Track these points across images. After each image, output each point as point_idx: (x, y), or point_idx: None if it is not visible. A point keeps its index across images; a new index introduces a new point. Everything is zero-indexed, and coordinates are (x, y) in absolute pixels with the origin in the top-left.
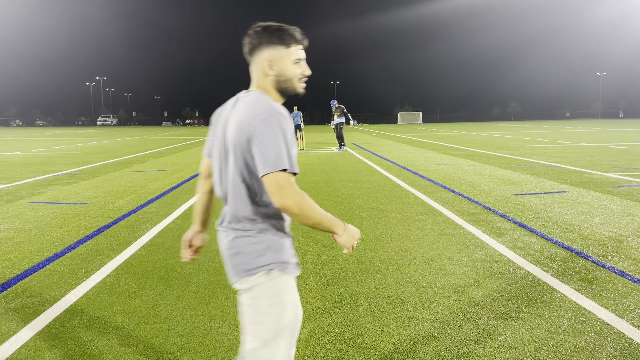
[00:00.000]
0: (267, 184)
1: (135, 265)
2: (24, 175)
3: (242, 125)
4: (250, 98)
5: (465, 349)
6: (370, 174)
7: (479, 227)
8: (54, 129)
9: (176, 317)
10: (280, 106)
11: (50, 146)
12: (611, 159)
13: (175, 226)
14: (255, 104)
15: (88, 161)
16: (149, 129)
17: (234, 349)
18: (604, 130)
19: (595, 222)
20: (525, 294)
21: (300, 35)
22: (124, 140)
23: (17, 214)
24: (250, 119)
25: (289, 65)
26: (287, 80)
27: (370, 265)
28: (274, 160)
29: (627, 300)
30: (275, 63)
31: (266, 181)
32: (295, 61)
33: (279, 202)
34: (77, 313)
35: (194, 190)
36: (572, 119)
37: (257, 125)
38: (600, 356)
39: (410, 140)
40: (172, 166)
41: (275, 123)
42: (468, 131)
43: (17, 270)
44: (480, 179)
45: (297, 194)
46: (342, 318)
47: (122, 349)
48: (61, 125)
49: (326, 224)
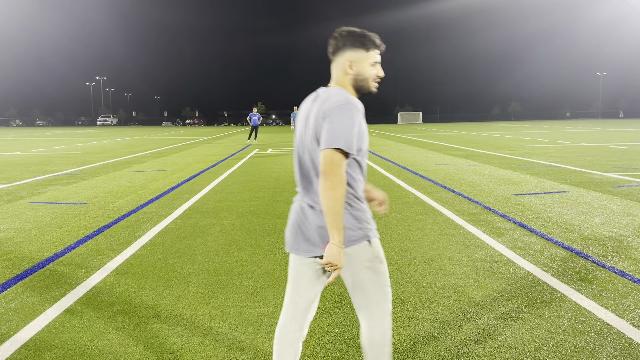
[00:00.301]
0: (321, 157)
1: (135, 265)
2: (24, 175)
3: (320, 113)
4: (330, 93)
5: (465, 349)
6: (370, 174)
7: (479, 227)
8: (54, 129)
9: (176, 317)
10: (356, 100)
11: (50, 146)
12: (611, 159)
13: (175, 226)
14: (334, 97)
15: (88, 161)
16: (149, 129)
17: (234, 349)
18: (604, 130)
19: (595, 222)
20: (525, 294)
21: (379, 41)
22: (124, 140)
23: (17, 214)
24: (328, 106)
25: (367, 66)
26: (364, 80)
27: None
28: (334, 139)
29: (627, 300)
30: (355, 64)
31: (322, 154)
32: (373, 64)
33: (322, 174)
34: (77, 313)
35: (194, 190)
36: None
37: (332, 110)
38: (600, 356)
39: (410, 140)
40: (172, 166)
41: (348, 111)
42: (468, 131)
43: (16, 271)
44: (480, 179)
45: (339, 176)
46: (342, 318)
47: (122, 349)
48: (61, 125)
49: (334, 222)
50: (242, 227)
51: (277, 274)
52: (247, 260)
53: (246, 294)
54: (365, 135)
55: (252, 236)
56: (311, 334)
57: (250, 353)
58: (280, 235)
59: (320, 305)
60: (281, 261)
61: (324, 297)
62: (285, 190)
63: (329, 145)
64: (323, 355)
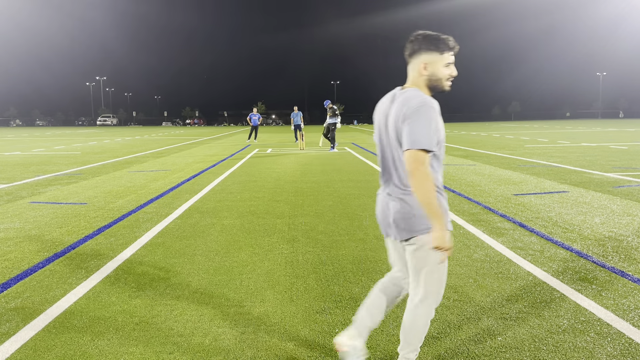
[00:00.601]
0: (405, 157)
1: (135, 265)
2: (24, 175)
3: (400, 114)
4: (406, 94)
5: (465, 349)
6: (370, 174)
7: (479, 227)
8: (54, 129)
9: (176, 317)
10: (432, 99)
11: (50, 146)
12: (611, 159)
13: (175, 226)
14: (412, 98)
15: (88, 161)
16: (149, 129)
17: (234, 349)
18: (604, 130)
19: (595, 222)
20: (525, 294)
21: (453, 43)
22: (124, 140)
23: (17, 214)
24: (407, 107)
25: (441, 68)
26: (438, 80)
27: (370, 265)
28: (416, 140)
29: (627, 300)
30: (430, 65)
31: (406, 155)
32: (446, 65)
33: (409, 174)
34: (77, 313)
35: (194, 190)
36: (572, 119)
37: (411, 112)
38: (600, 356)
39: None
40: (172, 166)
41: (425, 112)
42: (468, 131)
43: (17, 270)
44: (480, 179)
45: (424, 173)
46: (342, 318)
47: (122, 349)
48: (61, 125)
49: (431, 212)
50: (242, 227)
51: (277, 274)
52: (247, 260)
53: (246, 294)
54: (441, 128)
55: (252, 236)
56: (311, 334)
57: (250, 353)
58: (280, 235)
59: (320, 305)
60: (281, 261)
61: (324, 297)
62: (285, 190)
63: (411, 146)
64: (323, 355)
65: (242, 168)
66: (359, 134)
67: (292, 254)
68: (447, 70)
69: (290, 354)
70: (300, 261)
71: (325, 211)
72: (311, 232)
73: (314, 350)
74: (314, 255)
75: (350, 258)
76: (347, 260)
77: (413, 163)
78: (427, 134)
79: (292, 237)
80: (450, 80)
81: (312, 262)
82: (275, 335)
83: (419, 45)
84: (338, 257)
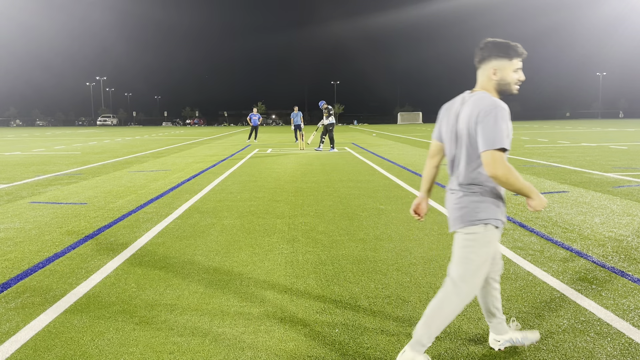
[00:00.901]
0: (483, 158)
1: (135, 265)
2: (24, 175)
3: (472, 115)
4: (477, 97)
5: (465, 349)
6: (370, 174)
7: None
8: (54, 129)
9: (176, 317)
10: (501, 102)
11: (51, 146)
12: (611, 159)
13: (175, 226)
14: (482, 101)
15: (88, 161)
16: (149, 129)
17: (234, 349)
18: (604, 130)
19: (595, 222)
20: (525, 294)
21: (521, 50)
22: (124, 140)
23: (17, 214)
24: (478, 110)
25: (510, 73)
26: (506, 84)
27: (370, 265)
28: (492, 140)
29: (627, 300)
30: (499, 71)
31: (484, 156)
32: (515, 70)
33: (491, 172)
34: (77, 313)
35: (194, 190)
36: (572, 119)
37: (483, 115)
38: (600, 356)
39: (410, 140)
40: (172, 166)
41: (497, 114)
42: None
43: (17, 270)
44: None
45: (506, 168)
46: (342, 318)
47: (122, 349)
48: (61, 125)
49: (525, 191)
50: (242, 227)
51: (277, 274)
52: (247, 260)
53: (246, 294)
54: (511, 129)
55: (252, 236)
56: (311, 334)
57: (250, 353)
58: (280, 235)
59: (320, 305)
60: (281, 261)
61: (324, 297)
62: (285, 190)
63: (488, 147)
64: (323, 355)
65: (242, 168)
66: (359, 134)
67: (292, 254)
68: (516, 75)
69: (290, 354)
70: (300, 261)
71: (325, 211)
72: (311, 232)
73: (314, 350)
74: (314, 255)
75: (350, 258)
76: (347, 260)
77: (492, 163)
78: (501, 133)
79: (292, 237)
80: (518, 85)
81: (312, 262)
82: (275, 335)
83: (489, 52)
84: (338, 257)
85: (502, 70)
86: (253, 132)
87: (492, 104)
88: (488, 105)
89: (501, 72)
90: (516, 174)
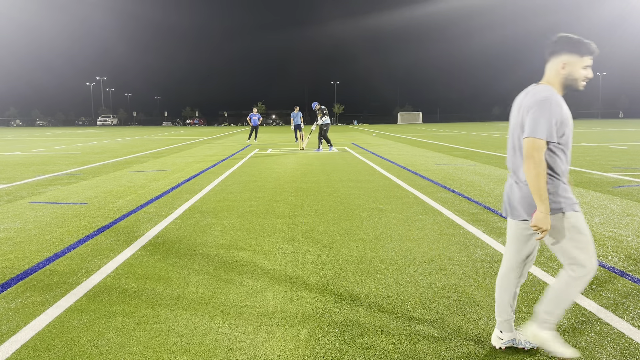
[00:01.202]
0: (524, 143)
1: (135, 265)
2: (24, 175)
3: (526, 105)
4: (536, 89)
5: (465, 349)
6: (370, 174)
7: (479, 227)
8: (54, 129)
9: (176, 317)
10: (557, 96)
11: (51, 146)
12: (611, 159)
13: (175, 226)
14: (538, 94)
15: (88, 161)
16: (149, 129)
17: (234, 349)
18: (604, 130)
19: (595, 222)
20: (526, 294)
21: (593, 48)
22: (124, 140)
23: (17, 214)
24: (533, 100)
25: (579, 69)
26: (573, 80)
27: (370, 265)
28: (534, 129)
29: (627, 300)
30: (568, 66)
31: (525, 142)
32: (584, 67)
33: (525, 158)
34: (77, 313)
35: (194, 190)
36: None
37: (534, 104)
38: (600, 356)
39: (410, 140)
40: (172, 166)
41: (547, 104)
42: (468, 131)
43: (17, 270)
44: (480, 179)
45: (537, 160)
46: (342, 318)
47: (122, 349)
48: (61, 125)
49: (537, 195)
50: (242, 227)
51: (277, 274)
52: (247, 260)
53: (246, 294)
54: (568, 123)
55: (252, 236)
56: (311, 334)
57: (250, 353)
58: (280, 235)
59: (320, 305)
60: (281, 261)
61: (324, 297)
62: (285, 190)
63: (530, 134)
64: (323, 355)
65: (242, 168)
66: (359, 134)
67: (292, 254)
68: (584, 72)
69: (291, 354)
70: (300, 261)
71: (325, 211)
72: (311, 232)
73: (314, 351)
74: (314, 255)
75: (350, 258)
76: (347, 260)
77: (529, 149)
78: (545, 124)
79: (292, 237)
80: (585, 82)
81: (312, 261)
82: (275, 335)
83: (561, 47)
84: (338, 257)
85: (571, 65)
86: (253, 132)
87: (545, 96)
88: (541, 97)
89: (570, 67)
90: (542, 174)
